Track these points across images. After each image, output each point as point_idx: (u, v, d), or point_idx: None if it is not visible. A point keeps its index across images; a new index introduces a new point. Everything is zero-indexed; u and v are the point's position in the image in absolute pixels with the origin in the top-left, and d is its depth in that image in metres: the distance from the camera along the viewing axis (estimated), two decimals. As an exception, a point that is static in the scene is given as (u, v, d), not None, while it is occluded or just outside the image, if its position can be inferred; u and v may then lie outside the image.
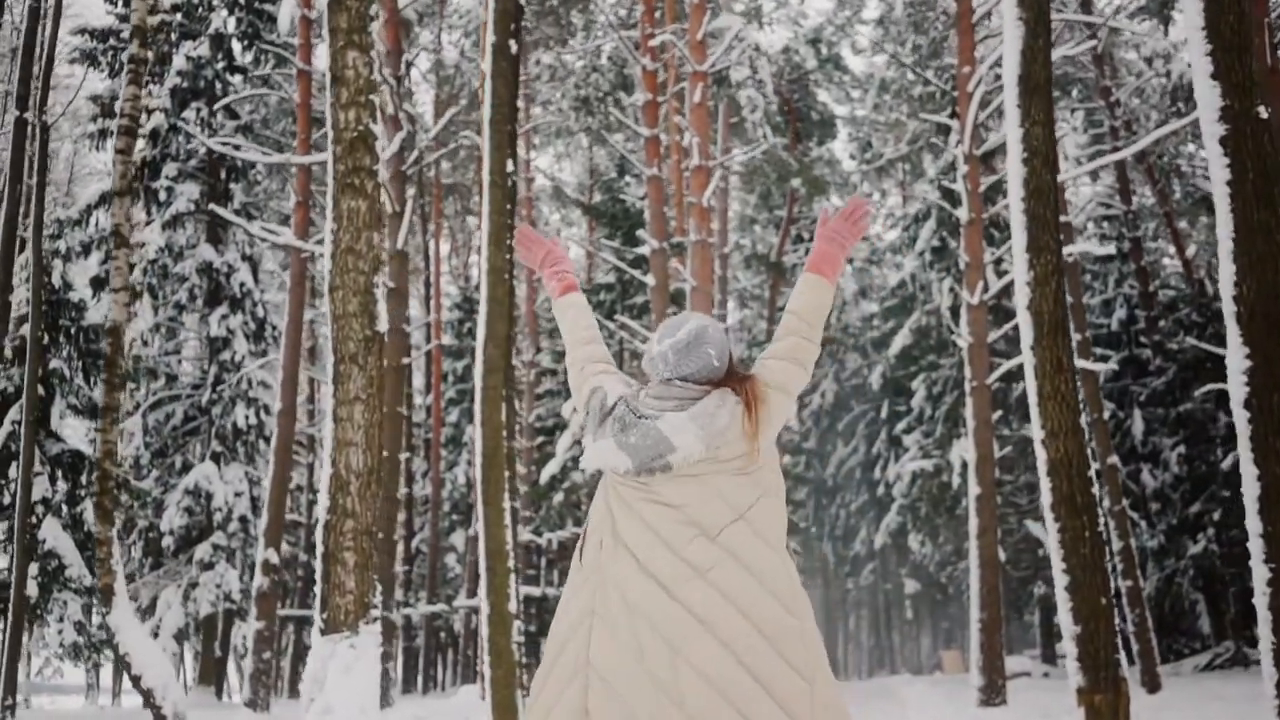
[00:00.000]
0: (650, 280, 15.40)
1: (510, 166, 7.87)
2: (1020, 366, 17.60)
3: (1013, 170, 6.29)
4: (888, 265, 30.30)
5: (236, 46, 23.31)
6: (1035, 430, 6.15)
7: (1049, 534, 6.10)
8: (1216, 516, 21.20)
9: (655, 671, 2.48)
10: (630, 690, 2.49)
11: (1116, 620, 6.12)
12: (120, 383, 10.43)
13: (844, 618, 44.84)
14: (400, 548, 32.73)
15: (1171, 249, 26.75)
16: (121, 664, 9.74)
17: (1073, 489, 6.07)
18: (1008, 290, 20.53)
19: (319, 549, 5.10)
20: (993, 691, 14.41)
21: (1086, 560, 5.94)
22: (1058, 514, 6.14)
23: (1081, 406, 6.19)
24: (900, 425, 25.81)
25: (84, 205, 21.27)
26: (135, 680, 9.59)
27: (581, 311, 3.07)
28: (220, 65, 22.69)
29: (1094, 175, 25.95)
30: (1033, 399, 6.22)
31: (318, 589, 5.15)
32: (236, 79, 22.79)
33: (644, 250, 16.26)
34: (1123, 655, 5.87)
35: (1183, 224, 25.56)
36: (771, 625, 2.52)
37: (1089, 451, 6.50)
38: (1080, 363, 14.71)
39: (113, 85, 22.82)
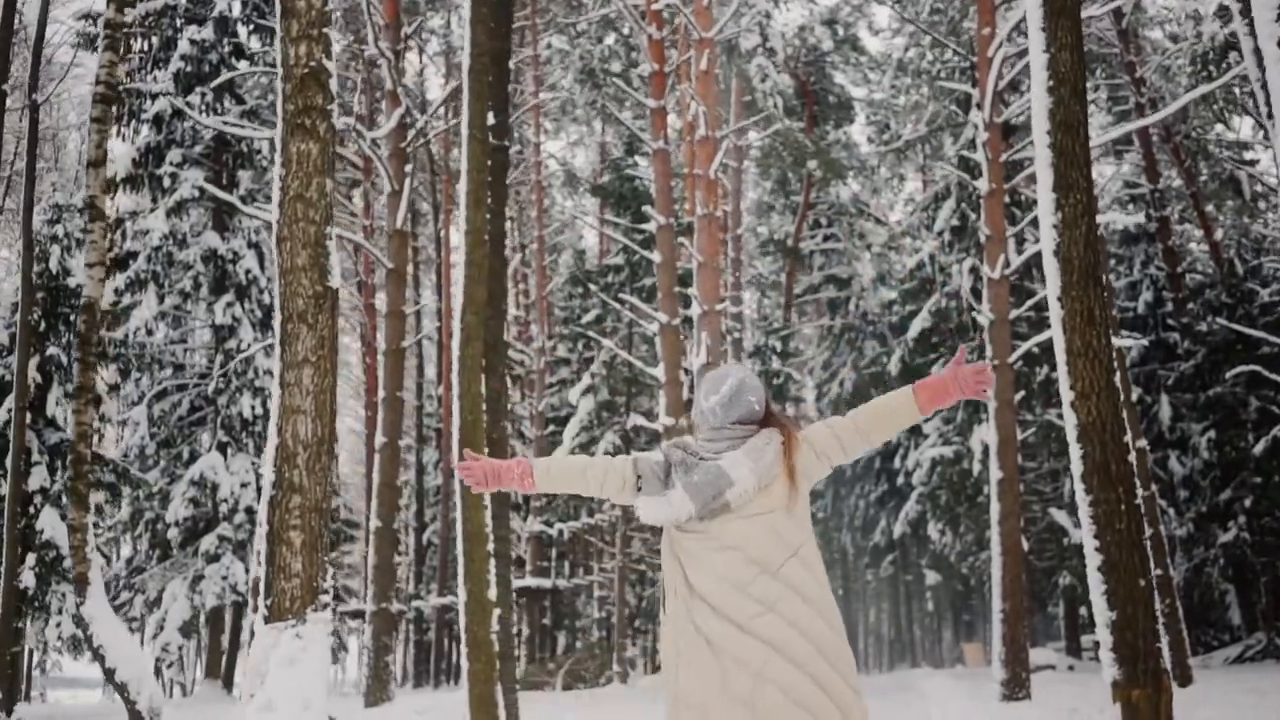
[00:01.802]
0: (656, 257, 14.84)
1: (492, 119, 7.34)
2: (1041, 348, 17.02)
3: (1037, 101, 5.58)
4: (906, 251, 29.64)
5: (242, 30, 22.93)
6: (1064, 392, 5.42)
7: (1080, 508, 5.40)
8: (1248, 504, 20.54)
9: (740, 694, 2.92)
10: (722, 715, 2.94)
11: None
12: (96, 360, 9.96)
13: (864, 610, 44.27)
14: (411, 540, 32.40)
15: (1198, 233, 26.01)
16: (95, 656, 9.29)
17: (1107, 456, 5.35)
18: (1029, 268, 19.91)
19: (261, 528, 4.59)
20: (1016, 685, 13.84)
21: (1123, 537, 5.28)
22: (1089, 485, 5.42)
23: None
24: (919, 412, 25.16)
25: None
26: (109, 674, 9.14)
27: (558, 464, 3.26)
28: (226, 49, 22.31)
29: (1119, 154, 25.25)
30: (1061, 357, 5.44)
31: (261, 572, 4.64)
32: (243, 64, 22.38)
33: (652, 228, 15.70)
34: (1165, 645, 5.26)
35: (1209, 208, 24.81)
36: (826, 645, 2.99)
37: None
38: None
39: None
